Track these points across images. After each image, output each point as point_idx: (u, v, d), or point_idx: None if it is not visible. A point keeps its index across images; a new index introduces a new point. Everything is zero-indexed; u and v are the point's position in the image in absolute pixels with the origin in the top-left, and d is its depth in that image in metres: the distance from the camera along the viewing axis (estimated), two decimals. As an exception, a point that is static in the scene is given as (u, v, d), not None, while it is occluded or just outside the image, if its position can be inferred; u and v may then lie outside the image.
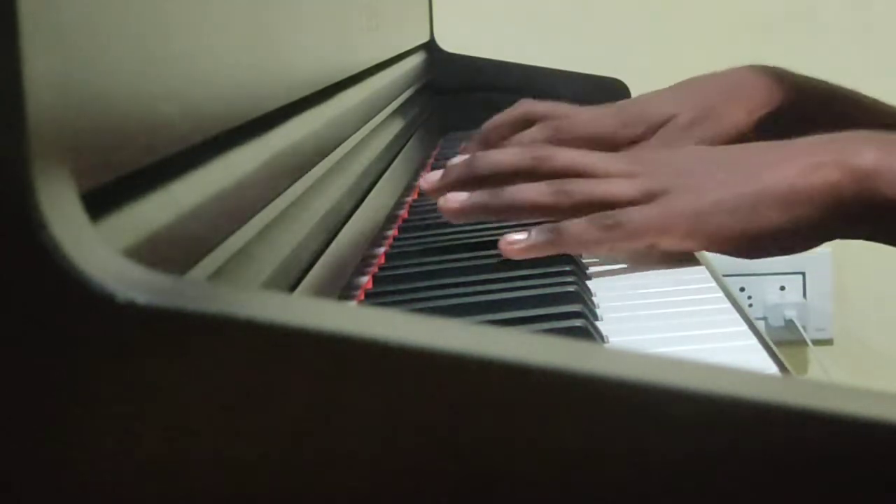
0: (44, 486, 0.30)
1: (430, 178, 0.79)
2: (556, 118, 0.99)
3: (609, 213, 0.71)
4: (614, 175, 0.73)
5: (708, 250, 0.73)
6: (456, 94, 1.44)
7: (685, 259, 0.74)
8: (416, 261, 0.76)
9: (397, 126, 1.06)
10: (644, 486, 0.31)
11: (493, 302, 0.64)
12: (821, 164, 0.70)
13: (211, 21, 0.49)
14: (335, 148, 0.74)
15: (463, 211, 0.75)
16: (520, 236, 0.72)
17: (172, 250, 0.40)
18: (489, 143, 0.99)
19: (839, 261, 1.79)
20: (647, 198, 0.71)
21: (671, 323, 0.63)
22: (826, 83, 1.00)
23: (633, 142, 0.97)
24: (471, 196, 0.75)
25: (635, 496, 0.31)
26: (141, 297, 0.30)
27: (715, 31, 1.80)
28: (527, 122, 1.00)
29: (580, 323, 0.59)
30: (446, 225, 0.85)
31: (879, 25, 1.81)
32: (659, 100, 1.00)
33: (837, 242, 0.71)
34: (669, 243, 0.71)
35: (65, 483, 0.30)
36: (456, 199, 0.75)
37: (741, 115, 0.98)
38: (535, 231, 0.72)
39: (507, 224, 0.83)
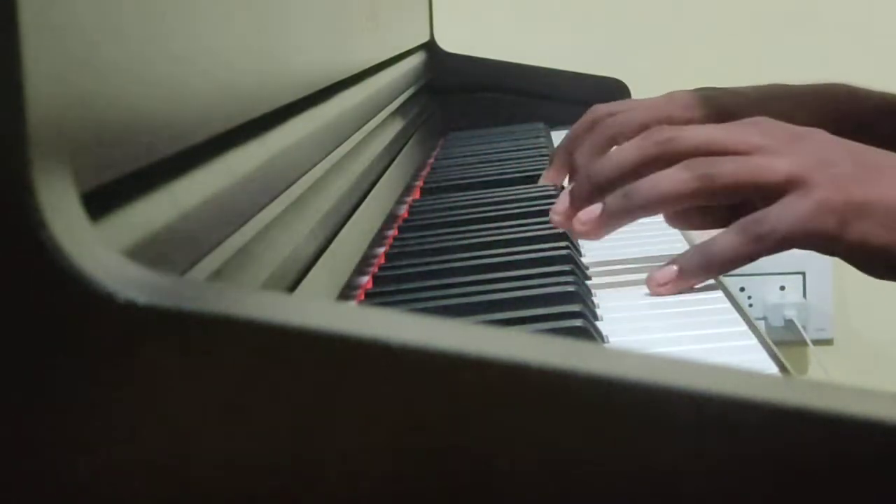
0: (44, 486, 0.30)
1: (558, 208, 0.71)
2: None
3: (757, 219, 0.64)
4: (748, 150, 0.66)
5: (845, 259, 0.66)
6: (456, 94, 1.44)
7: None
8: (416, 261, 0.76)
9: (397, 126, 1.06)
10: (644, 487, 0.31)
11: (493, 302, 0.64)
12: None
13: (211, 21, 0.49)
14: (335, 148, 0.74)
15: (602, 224, 0.68)
16: (667, 273, 0.67)
17: (172, 250, 0.40)
18: (570, 155, 0.92)
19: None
20: (792, 184, 0.64)
21: (671, 323, 0.63)
22: (892, 95, 0.95)
23: (691, 121, 0.89)
24: (604, 206, 0.68)
25: (635, 496, 0.31)
26: (141, 297, 0.30)
27: (715, 31, 1.80)
28: None
29: (580, 323, 0.59)
30: (446, 225, 0.85)
31: (879, 25, 1.81)
32: (724, 95, 0.93)
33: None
34: (813, 247, 0.65)
35: (65, 483, 0.30)
36: (589, 216, 0.69)
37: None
38: (681, 260, 0.67)
39: (508, 227, 0.83)
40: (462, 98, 1.44)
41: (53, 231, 0.30)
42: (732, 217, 0.67)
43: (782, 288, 1.81)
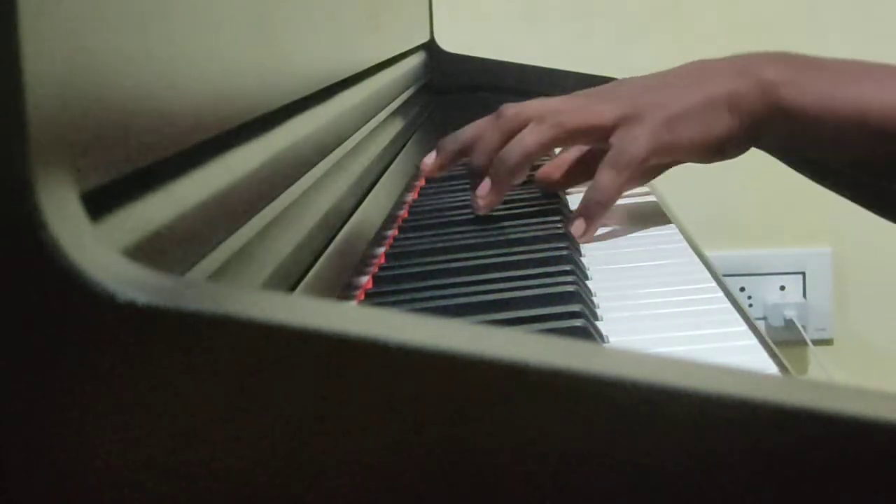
0: (44, 485, 0.30)
1: (476, 198, 0.85)
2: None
3: (615, 151, 0.81)
4: (584, 108, 0.83)
5: (681, 158, 0.84)
6: (456, 94, 1.44)
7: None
8: (416, 261, 0.76)
9: (397, 126, 1.06)
10: (644, 486, 0.31)
11: (493, 302, 0.64)
12: (739, 73, 0.82)
13: (211, 21, 0.49)
14: (335, 148, 0.74)
15: (496, 190, 0.84)
16: (579, 225, 0.82)
17: (172, 250, 0.40)
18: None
19: (839, 261, 1.79)
20: (625, 120, 0.82)
21: (671, 323, 0.63)
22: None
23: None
24: (490, 176, 0.84)
25: (635, 496, 0.31)
26: (141, 297, 0.30)
27: (715, 31, 1.80)
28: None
29: (580, 323, 0.59)
30: (446, 225, 0.85)
31: (879, 25, 1.81)
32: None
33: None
34: (658, 158, 0.82)
35: (65, 483, 0.30)
36: (484, 189, 0.84)
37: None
38: (580, 210, 0.82)
39: (508, 227, 0.83)
40: (462, 98, 1.44)
41: (53, 231, 0.30)
42: None
43: (782, 288, 1.81)
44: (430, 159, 0.90)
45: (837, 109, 0.80)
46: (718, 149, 0.83)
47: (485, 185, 0.83)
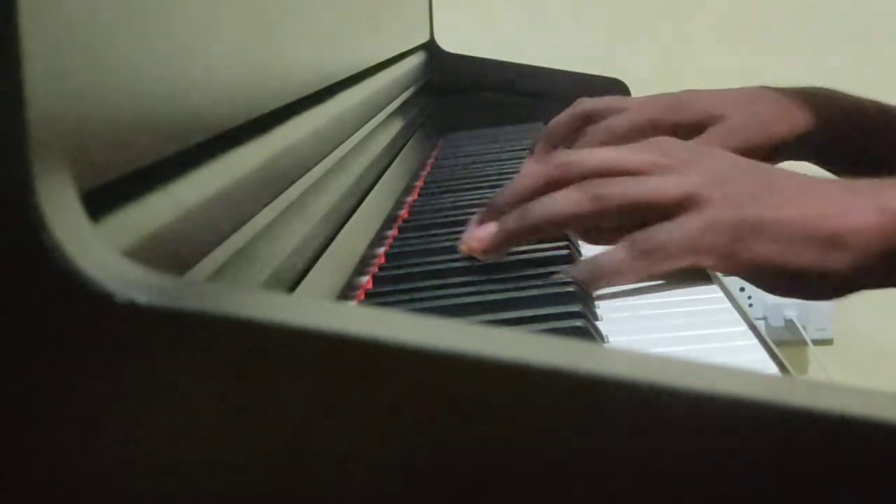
0: (44, 485, 0.30)
1: (472, 236, 0.69)
2: (610, 114, 0.94)
3: (647, 235, 0.65)
4: (646, 170, 0.67)
5: (740, 277, 0.66)
6: (456, 94, 1.44)
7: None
8: (416, 261, 0.76)
9: (397, 126, 1.06)
10: (644, 486, 0.31)
11: (493, 302, 0.64)
12: (862, 206, 0.64)
13: (211, 21, 0.49)
14: (335, 148, 0.74)
15: (495, 244, 0.68)
16: (574, 274, 0.67)
17: (172, 250, 0.40)
18: (552, 147, 0.93)
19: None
20: (687, 203, 0.65)
21: (671, 323, 0.63)
22: (884, 106, 0.96)
23: (675, 124, 0.91)
24: (498, 225, 0.68)
25: (635, 496, 0.31)
26: (141, 297, 0.30)
27: (715, 31, 1.80)
28: (586, 120, 0.94)
29: (580, 323, 0.59)
30: (446, 225, 0.85)
31: (879, 25, 1.81)
32: (711, 97, 0.97)
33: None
34: (706, 264, 0.65)
35: (65, 483, 0.30)
36: (479, 234, 0.68)
37: (784, 130, 0.96)
38: (572, 272, 0.67)
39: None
40: (462, 98, 1.44)
41: (53, 231, 0.30)
42: None
43: (782, 288, 1.81)
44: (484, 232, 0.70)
45: None
46: (801, 283, 0.65)
47: (488, 227, 0.68)
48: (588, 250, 0.79)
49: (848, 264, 0.64)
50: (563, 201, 0.66)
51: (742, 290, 1.79)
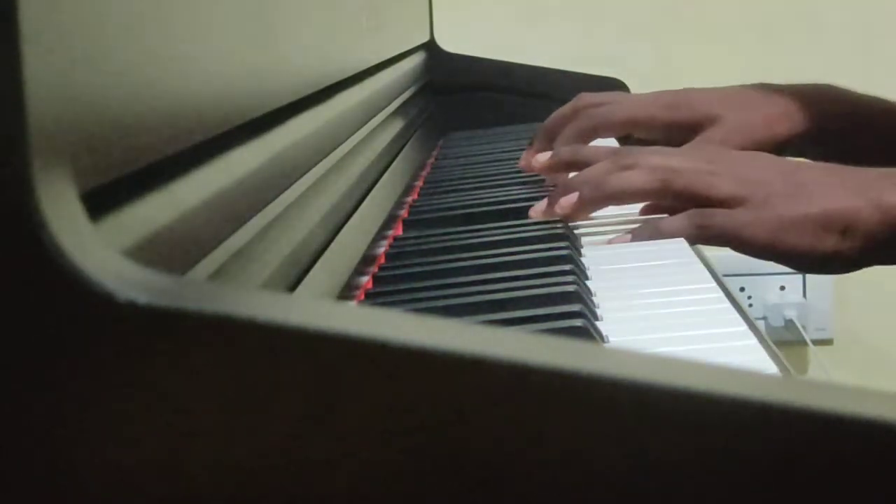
0: (44, 486, 0.30)
1: (559, 204, 0.83)
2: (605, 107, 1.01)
3: (707, 211, 0.78)
4: (702, 171, 0.80)
5: (778, 262, 0.81)
6: (456, 94, 1.44)
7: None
8: (416, 261, 0.76)
9: (397, 126, 1.06)
10: (644, 487, 0.31)
11: (493, 302, 0.64)
12: (856, 193, 0.79)
13: (211, 21, 0.49)
14: (335, 148, 0.74)
15: (579, 208, 0.82)
16: (622, 240, 0.80)
17: (172, 250, 0.40)
18: (551, 139, 1.01)
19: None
20: (735, 202, 0.79)
21: (671, 323, 0.63)
22: (885, 102, 1.02)
23: (672, 123, 1.00)
24: (580, 194, 0.82)
25: (635, 496, 0.31)
26: (141, 297, 0.30)
27: (715, 31, 1.80)
28: None
29: (580, 323, 0.59)
30: (446, 225, 0.85)
31: (879, 25, 1.81)
32: (707, 96, 1.02)
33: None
34: (744, 250, 0.79)
35: (64, 483, 0.30)
36: (568, 201, 0.82)
37: (783, 128, 0.99)
38: (636, 230, 0.80)
39: (508, 227, 0.83)
40: (462, 98, 1.44)
41: (53, 231, 0.30)
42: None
43: (782, 288, 1.81)
44: (544, 157, 0.91)
45: None
46: (823, 263, 0.81)
47: (570, 198, 0.82)
48: (588, 250, 0.79)
49: (858, 248, 0.79)
50: (638, 177, 0.81)
51: (742, 289, 1.79)
